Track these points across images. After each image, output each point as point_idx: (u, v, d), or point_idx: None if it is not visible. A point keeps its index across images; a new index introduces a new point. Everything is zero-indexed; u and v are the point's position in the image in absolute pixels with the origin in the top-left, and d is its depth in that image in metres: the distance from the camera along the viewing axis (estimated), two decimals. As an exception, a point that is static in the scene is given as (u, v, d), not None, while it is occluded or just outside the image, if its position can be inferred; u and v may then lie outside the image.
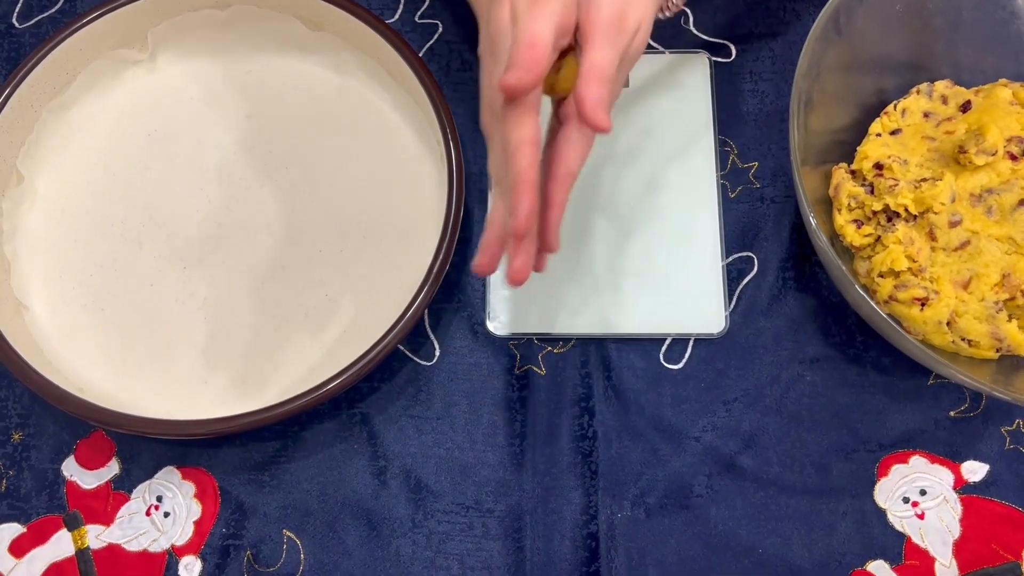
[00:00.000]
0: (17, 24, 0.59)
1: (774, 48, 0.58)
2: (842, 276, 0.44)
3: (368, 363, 0.48)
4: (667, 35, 0.58)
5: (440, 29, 0.59)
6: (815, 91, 0.48)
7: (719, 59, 0.57)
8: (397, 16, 0.59)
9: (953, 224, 0.48)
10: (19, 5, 0.60)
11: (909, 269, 0.48)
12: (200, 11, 0.56)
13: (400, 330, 0.49)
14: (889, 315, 0.48)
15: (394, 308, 0.51)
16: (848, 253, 0.51)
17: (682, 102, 0.56)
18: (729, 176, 0.55)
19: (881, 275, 0.49)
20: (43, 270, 0.54)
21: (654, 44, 0.58)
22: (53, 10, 0.60)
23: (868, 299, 0.44)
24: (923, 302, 0.47)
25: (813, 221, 0.45)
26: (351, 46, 0.57)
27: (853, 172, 0.51)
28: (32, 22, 0.59)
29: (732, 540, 0.49)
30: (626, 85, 0.57)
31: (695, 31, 0.58)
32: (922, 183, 0.49)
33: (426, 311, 0.53)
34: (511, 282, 0.41)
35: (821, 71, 0.48)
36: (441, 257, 0.50)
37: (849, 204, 0.50)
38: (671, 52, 0.57)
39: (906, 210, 0.49)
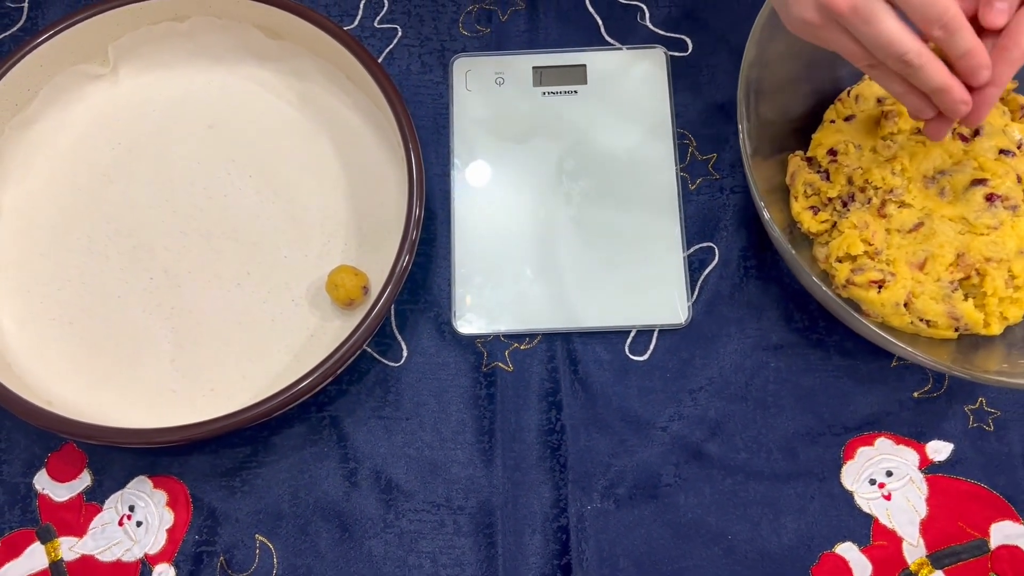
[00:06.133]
0: (-21, 43, 0.60)
1: (730, 40, 0.58)
2: (795, 263, 0.45)
3: (334, 364, 0.49)
4: (623, 31, 0.58)
5: (400, 33, 0.59)
6: (765, 80, 0.48)
7: (675, 53, 0.58)
8: (356, 22, 0.60)
9: (904, 206, 0.49)
10: (-20, 24, 0.60)
11: (865, 253, 0.48)
12: (160, 24, 0.57)
13: (365, 330, 0.49)
14: (848, 299, 0.49)
15: (361, 311, 0.51)
16: (807, 240, 0.52)
17: (640, 97, 0.57)
18: (689, 168, 0.56)
19: (839, 260, 0.49)
20: (10, 285, 0.54)
21: (610, 40, 0.58)
22: (15, 28, 0.60)
23: (821, 285, 0.45)
24: (880, 284, 0.48)
25: (766, 211, 0.45)
26: (311, 52, 0.57)
27: (809, 159, 0.52)
28: (-6, 41, 0.60)
29: (702, 527, 0.50)
30: (583, 82, 0.57)
31: (651, 26, 0.59)
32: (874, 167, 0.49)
33: (392, 312, 0.54)
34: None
35: (770, 60, 0.48)
36: (404, 257, 0.50)
37: (805, 191, 0.51)
38: (627, 48, 0.58)
39: (862, 190, 0.49)
